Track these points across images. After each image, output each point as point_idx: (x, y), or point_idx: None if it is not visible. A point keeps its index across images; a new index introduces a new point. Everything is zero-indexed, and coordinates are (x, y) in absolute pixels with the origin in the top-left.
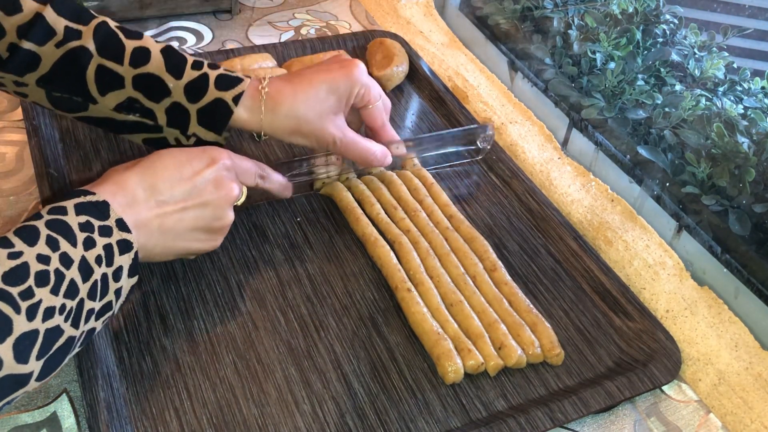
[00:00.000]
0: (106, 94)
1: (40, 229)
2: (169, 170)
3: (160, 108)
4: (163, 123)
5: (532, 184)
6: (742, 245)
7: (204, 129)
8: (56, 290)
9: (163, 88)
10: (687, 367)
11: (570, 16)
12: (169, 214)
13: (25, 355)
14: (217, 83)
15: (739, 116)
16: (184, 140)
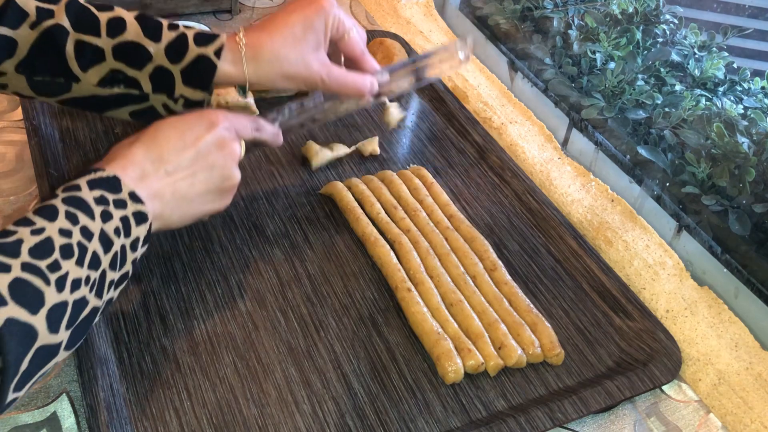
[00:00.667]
0: (88, 70)
1: (58, 206)
2: (172, 140)
3: (144, 75)
4: (149, 90)
5: (532, 183)
6: (742, 245)
7: (190, 88)
8: (81, 262)
9: (143, 54)
10: (687, 367)
11: (570, 16)
12: (180, 180)
13: (56, 326)
14: (196, 41)
15: (739, 116)
16: (172, 104)
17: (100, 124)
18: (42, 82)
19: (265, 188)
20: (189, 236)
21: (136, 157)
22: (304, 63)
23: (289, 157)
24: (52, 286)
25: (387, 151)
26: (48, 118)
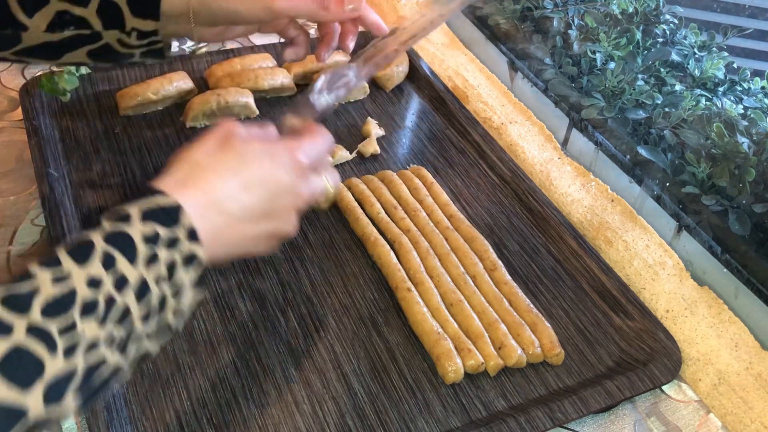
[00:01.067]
0: (33, 16)
1: (96, 245)
2: (256, 173)
3: (91, 12)
4: (100, 27)
5: (532, 183)
6: (742, 245)
7: (140, 19)
8: (104, 319)
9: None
10: (687, 367)
11: (570, 16)
12: (243, 224)
13: (59, 396)
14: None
15: (739, 116)
16: (126, 38)
17: (100, 124)
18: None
19: None
20: None
21: (210, 185)
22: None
23: None
24: (59, 354)
25: (387, 151)
26: (48, 118)
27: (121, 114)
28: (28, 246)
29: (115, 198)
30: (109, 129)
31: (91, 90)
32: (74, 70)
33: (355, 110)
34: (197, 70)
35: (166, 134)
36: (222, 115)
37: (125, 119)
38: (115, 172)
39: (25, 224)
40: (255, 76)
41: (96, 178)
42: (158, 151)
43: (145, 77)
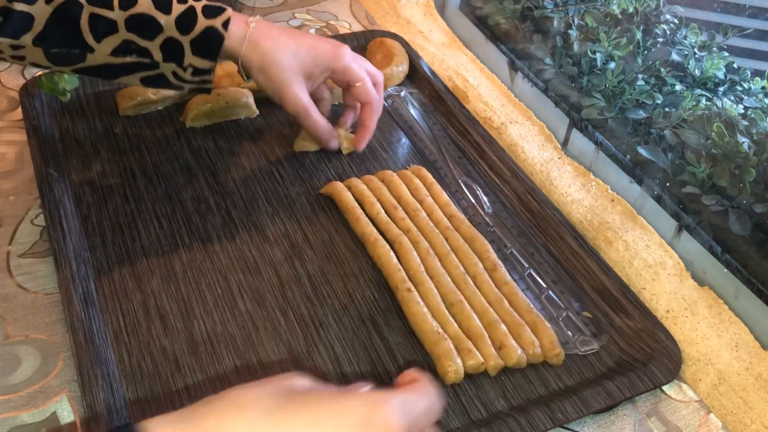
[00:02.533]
0: (102, 41)
1: None
2: None
3: (155, 45)
4: (159, 59)
5: (532, 183)
6: (743, 245)
7: (199, 58)
8: None
9: (155, 25)
10: (687, 367)
11: (570, 16)
12: None
13: None
14: (205, 12)
15: (739, 116)
16: (181, 72)
17: (100, 124)
18: (58, 54)
19: (265, 188)
20: (189, 236)
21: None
22: (288, 75)
23: (289, 157)
24: None
25: (387, 151)
26: (48, 118)
27: (121, 114)
28: (28, 246)
29: (115, 198)
30: (109, 129)
31: (91, 90)
32: None
33: None
34: None
35: (166, 134)
36: (222, 115)
37: (125, 119)
38: (115, 172)
39: (25, 224)
40: None
41: (96, 178)
42: (158, 151)
43: None
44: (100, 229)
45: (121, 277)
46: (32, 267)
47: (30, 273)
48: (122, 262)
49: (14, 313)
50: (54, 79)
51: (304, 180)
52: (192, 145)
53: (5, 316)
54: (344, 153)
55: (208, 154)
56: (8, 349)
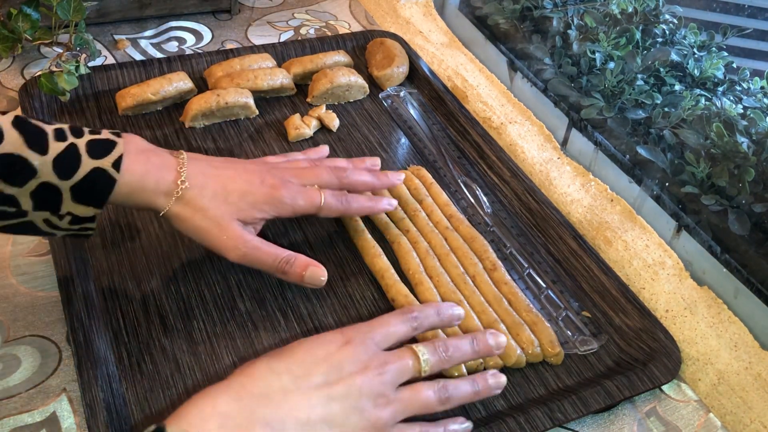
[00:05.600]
0: None
1: None
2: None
3: (24, 192)
4: (29, 208)
5: (531, 183)
6: (742, 245)
7: (81, 205)
8: None
9: (26, 168)
10: (687, 366)
11: (569, 16)
12: None
13: None
14: (90, 151)
15: (739, 116)
16: (56, 220)
17: (99, 124)
18: None
19: None
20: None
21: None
22: (227, 226)
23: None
24: None
25: (386, 151)
26: (48, 118)
27: (121, 114)
28: (28, 246)
29: None
30: (109, 129)
31: (90, 90)
32: (74, 70)
33: (355, 110)
34: (197, 70)
35: (166, 134)
36: (221, 116)
37: (125, 119)
38: None
39: None
40: (254, 76)
41: None
42: None
43: (145, 78)
44: (99, 229)
45: (121, 277)
46: (32, 267)
47: (30, 273)
48: (122, 262)
49: (14, 313)
50: (54, 79)
51: None
52: (192, 145)
53: (5, 316)
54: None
55: (208, 154)
56: (8, 349)
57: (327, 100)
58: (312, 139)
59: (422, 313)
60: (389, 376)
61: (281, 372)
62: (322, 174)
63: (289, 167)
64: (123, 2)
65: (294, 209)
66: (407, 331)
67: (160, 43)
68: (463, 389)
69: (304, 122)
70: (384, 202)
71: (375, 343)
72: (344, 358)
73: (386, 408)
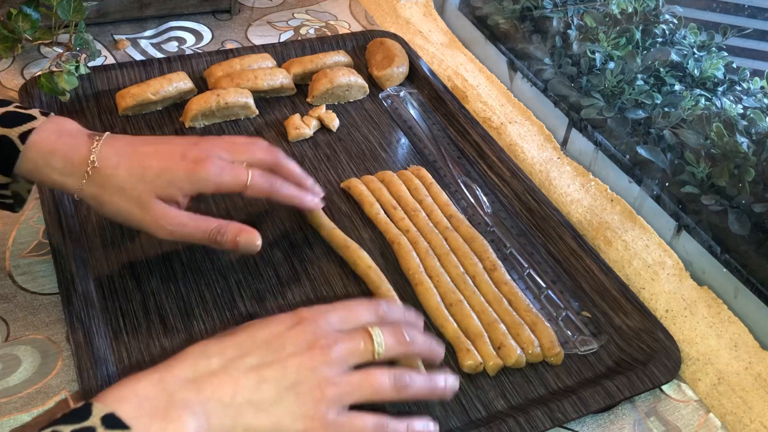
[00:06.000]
0: None
1: None
2: None
3: None
4: None
5: (531, 183)
6: (742, 245)
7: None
8: None
9: None
10: (686, 366)
11: (569, 16)
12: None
13: None
14: (2, 120)
15: (739, 116)
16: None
17: (99, 124)
18: None
19: None
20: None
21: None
22: (147, 204)
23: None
24: None
25: (386, 151)
26: None
27: (121, 114)
28: (28, 246)
29: None
30: (109, 129)
31: (90, 90)
32: (74, 70)
33: (355, 110)
34: (197, 70)
35: (166, 134)
36: (221, 116)
37: (125, 119)
38: None
39: (25, 224)
40: (254, 76)
41: None
42: None
43: (145, 77)
44: (99, 229)
45: (121, 277)
46: (32, 267)
47: (30, 273)
48: (122, 262)
49: (14, 313)
50: (54, 79)
51: None
52: None
53: (5, 316)
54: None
55: None
56: (8, 349)
57: (327, 100)
58: (312, 139)
59: (391, 307)
60: (336, 356)
61: (212, 354)
62: (255, 151)
63: (222, 141)
64: (123, 2)
65: (217, 186)
66: (370, 320)
67: (160, 43)
68: (420, 383)
69: (304, 122)
70: (309, 197)
71: (329, 324)
72: (288, 339)
73: (329, 390)
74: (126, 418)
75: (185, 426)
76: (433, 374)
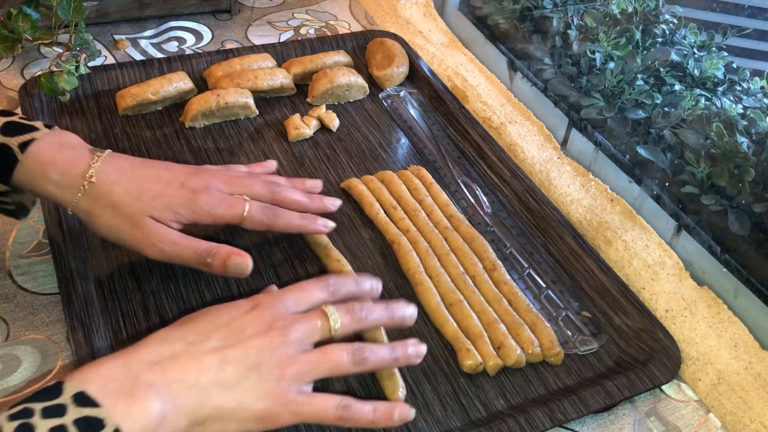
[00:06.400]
0: None
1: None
2: None
3: None
4: None
5: (531, 183)
6: (742, 245)
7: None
8: None
9: None
10: (686, 366)
11: (569, 16)
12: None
13: None
14: (4, 129)
15: (739, 116)
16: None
17: (99, 124)
18: None
19: None
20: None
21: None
22: (140, 223)
23: (288, 157)
24: None
25: (386, 151)
26: (47, 118)
27: (121, 114)
28: (28, 246)
29: None
30: (109, 129)
31: (90, 90)
32: (74, 70)
33: (355, 110)
34: (197, 70)
35: (166, 134)
36: (221, 116)
37: (124, 119)
38: None
39: (25, 224)
40: (254, 76)
41: None
42: (158, 152)
43: (145, 77)
44: None
45: (121, 277)
46: (32, 267)
47: (30, 273)
48: (122, 262)
49: (14, 313)
50: (54, 79)
51: None
52: (191, 146)
53: (5, 316)
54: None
55: (208, 154)
56: (8, 349)
57: (327, 100)
58: (312, 139)
59: (340, 280)
60: (294, 336)
61: (174, 340)
62: (254, 185)
63: (221, 174)
64: (123, 2)
65: (213, 216)
66: (323, 297)
67: (160, 43)
68: (381, 354)
69: (304, 122)
70: (319, 222)
71: (285, 307)
72: (246, 322)
73: (289, 369)
74: (96, 397)
75: (151, 405)
76: (396, 344)
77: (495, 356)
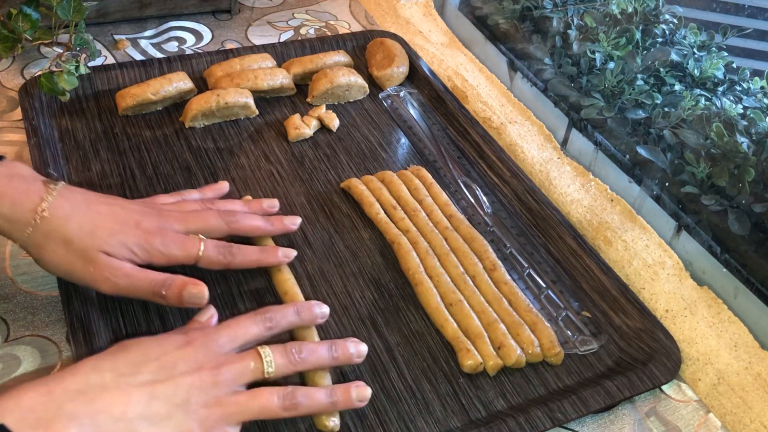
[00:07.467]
0: None
1: None
2: None
3: None
4: None
5: (531, 183)
6: (742, 245)
7: None
8: None
9: None
10: (686, 366)
11: (569, 16)
12: None
13: None
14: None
15: (739, 116)
16: None
17: (99, 124)
18: None
19: (264, 188)
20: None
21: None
22: (93, 258)
23: (288, 157)
24: None
25: (386, 151)
26: (47, 118)
27: (121, 114)
28: None
29: None
30: (109, 129)
31: (90, 90)
32: (74, 70)
33: (355, 110)
34: (197, 70)
35: (166, 134)
36: (221, 116)
37: (124, 119)
38: (114, 172)
39: None
40: (254, 77)
41: (95, 179)
42: (158, 152)
43: (145, 77)
44: None
45: None
46: (32, 267)
47: (30, 273)
48: None
49: (14, 313)
50: (53, 79)
51: (304, 180)
52: (191, 145)
53: (5, 316)
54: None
55: (208, 154)
56: (8, 349)
57: (327, 100)
58: (312, 139)
59: (278, 312)
60: (225, 377)
61: (105, 370)
62: (209, 219)
63: (175, 211)
64: (123, 2)
65: (168, 258)
66: (260, 332)
67: (160, 43)
68: (317, 398)
69: (304, 122)
70: (279, 254)
71: (218, 345)
72: (179, 358)
73: (215, 410)
74: (13, 430)
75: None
76: (336, 388)
77: (495, 356)
